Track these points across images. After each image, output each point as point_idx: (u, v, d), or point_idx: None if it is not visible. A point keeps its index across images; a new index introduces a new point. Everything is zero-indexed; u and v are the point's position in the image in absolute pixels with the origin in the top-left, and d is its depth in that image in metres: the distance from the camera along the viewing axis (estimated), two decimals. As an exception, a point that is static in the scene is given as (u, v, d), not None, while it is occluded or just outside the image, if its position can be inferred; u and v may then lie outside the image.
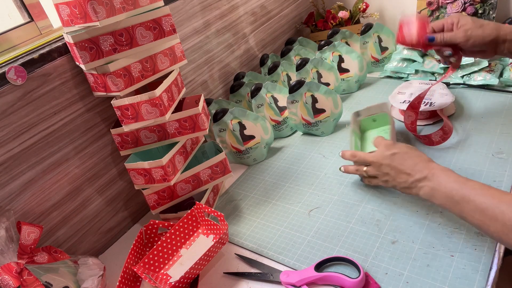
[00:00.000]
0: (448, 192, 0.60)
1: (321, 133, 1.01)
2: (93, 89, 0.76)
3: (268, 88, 1.03)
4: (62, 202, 0.78)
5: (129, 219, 0.92)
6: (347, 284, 0.61)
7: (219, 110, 0.95)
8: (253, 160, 0.99)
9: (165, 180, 0.78)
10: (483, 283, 0.58)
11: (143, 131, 0.79)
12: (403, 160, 0.68)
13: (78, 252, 0.82)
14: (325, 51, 1.15)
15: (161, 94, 0.73)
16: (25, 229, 0.65)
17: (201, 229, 0.81)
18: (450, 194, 0.59)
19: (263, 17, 1.29)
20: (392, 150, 0.70)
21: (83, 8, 0.64)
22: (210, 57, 1.10)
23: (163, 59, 0.77)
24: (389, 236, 0.69)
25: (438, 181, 0.61)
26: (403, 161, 0.67)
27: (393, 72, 1.16)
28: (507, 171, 0.75)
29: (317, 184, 0.86)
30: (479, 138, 0.85)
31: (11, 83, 0.67)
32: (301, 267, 0.68)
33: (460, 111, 0.95)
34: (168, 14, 0.72)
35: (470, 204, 0.57)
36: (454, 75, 1.04)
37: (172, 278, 0.73)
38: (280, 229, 0.77)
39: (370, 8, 1.38)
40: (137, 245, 0.76)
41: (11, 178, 0.70)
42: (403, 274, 0.62)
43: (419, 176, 0.64)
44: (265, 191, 0.89)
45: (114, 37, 0.68)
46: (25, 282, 0.62)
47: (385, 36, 1.19)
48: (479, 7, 1.11)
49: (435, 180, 0.62)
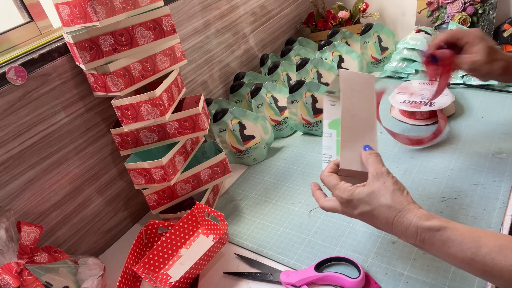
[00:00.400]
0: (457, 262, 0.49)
1: (321, 133, 1.01)
2: (93, 89, 0.76)
3: (268, 88, 1.03)
4: (62, 202, 0.78)
5: (129, 219, 0.92)
6: (347, 284, 0.61)
7: (219, 110, 0.95)
8: (253, 160, 0.99)
9: (165, 180, 0.78)
10: (483, 283, 0.58)
11: (143, 131, 0.79)
12: (374, 220, 0.54)
13: (78, 252, 0.82)
14: (325, 51, 1.15)
15: (161, 94, 0.73)
16: (25, 229, 0.65)
17: (201, 229, 0.81)
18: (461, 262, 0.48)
19: (263, 17, 1.29)
20: (355, 210, 0.55)
21: (83, 8, 0.64)
22: (210, 57, 1.10)
23: (163, 59, 0.77)
24: (389, 236, 0.69)
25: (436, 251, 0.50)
26: (375, 221, 0.54)
27: (393, 72, 1.16)
28: (507, 171, 0.75)
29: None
30: (479, 138, 0.85)
31: (11, 83, 0.67)
32: (301, 267, 0.68)
33: (460, 111, 0.95)
34: (168, 14, 0.72)
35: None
36: (454, 75, 1.04)
37: (172, 278, 0.73)
38: (280, 229, 0.77)
39: (370, 8, 1.38)
40: (137, 245, 0.76)
41: (11, 178, 0.70)
42: (403, 274, 0.62)
43: (405, 240, 0.52)
44: (265, 191, 0.89)
45: (114, 37, 0.68)
46: (25, 282, 0.62)
47: (385, 36, 1.19)
48: (479, 7, 1.11)
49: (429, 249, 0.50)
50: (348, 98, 0.61)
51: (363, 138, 0.60)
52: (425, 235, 0.49)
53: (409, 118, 0.96)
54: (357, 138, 0.60)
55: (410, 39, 1.12)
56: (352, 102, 0.61)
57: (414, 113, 0.95)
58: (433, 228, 0.48)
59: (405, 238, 0.51)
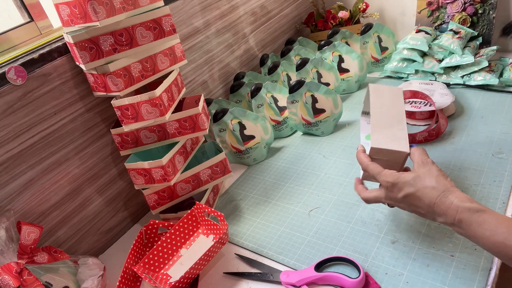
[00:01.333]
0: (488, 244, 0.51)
1: (321, 133, 1.01)
2: (93, 89, 0.76)
3: (268, 88, 1.03)
4: (62, 202, 0.78)
5: (129, 219, 0.92)
6: (347, 284, 0.61)
7: (219, 110, 0.95)
8: (253, 160, 0.99)
9: (165, 180, 0.78)
10: (483, 283, 0.58)
11: (143, 131, 0.79)
12: (417, 202, 0.57)
13: (78, 252, 0.82)
14: (325, 51, 1.15)
15: (161, 94, 0.73)
16: (25, 229, 0.65)
17: (201, 229, 0.81)
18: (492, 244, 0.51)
19: (263, 17, 1.29)
20: (399, 193, 0.58)
21: (83, 8, 0.64)
22: (210, 57, 1.10)
23: (163, 59, 0.77)
24: (389, 236, 0.69)
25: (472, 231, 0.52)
26: (418, 202, 0.57)
27: (393, 72, 1.16)
28: (507, 171, 0.75)
29: (317, 184, 0.86)
30: (479, 138, 0.85)
31: (11, 83, 0.67)
32: (301, 267, 0.68)
33: (460, 111, 0.95)
34: (168, 14, 0.72)
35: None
36: (454, 75, 1.04)
37: (172, 278, 0.73)
38: (280, 229, 0.77)
39: (370, 8, 1.38)
40: (137, 245, 0.76)
41: (11, 178, 0.70)
42: (403, 274, 0.62)
43: (444, 220, 0.55)
44: (265, 191, 0.89)
45: (114, 37, 0.68)
46: (25, 282, 0.62)
47: (385, 36, 1.19)
48: (479, 7, 1.11)
49: (466, 229, 0.52)
50: (376, 97, 0.71)
51: (392, 127, 0.66)
52: (464, 215, 0.52)
53: (409, 118, 0.96)
54: (386, 126, 0.66)
55: (410, 39, 1.12)
56: (380, 101, 0.70)
57: (414, 113, 0.95)
58: (472, 209, 0.52)
59: (444, 218, 0.54)
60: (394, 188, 0.58)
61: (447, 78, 1.05)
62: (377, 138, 0.64)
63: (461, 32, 1.09)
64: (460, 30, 1.10)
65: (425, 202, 0.56)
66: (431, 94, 0.94)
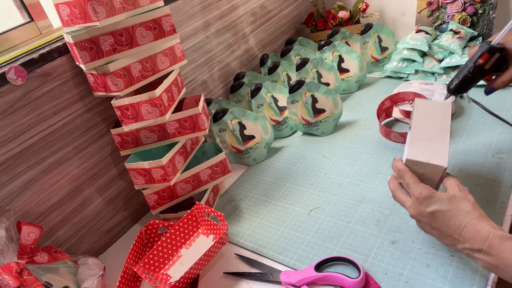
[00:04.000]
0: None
1: (321, 133, 1.01)
2: (93, 89, 0.76)
3: (268, 88, 1.03)
4: (62, 202, 0.78)
5: (129, 219, 0.92)
6: (347, 284, 0.61)
7: (219, 110, 0.95)
8: (253, 160, 0.99)
9: (165, 180, 0.78)
10: (483, 283, 0.58)
11: (143, 131, 0.79)
12: (446, 221, 0.55)
13: (78, 252, 0.82)
14: (325, 51, 1.15)
15: (161, 94, 0.73)
16: (25, 229, 0.65)
17: (201, 229, 0.81)
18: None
19: (263, 17, 1.29)
20: (429, 207, 0.56)
21: (83, 8, 0.64)
22: (210, 57, 1.10)
23: (163, 59, 0.77)
24: (389, 236, 0.69)
25: (502, 258, 0.50)
26: (447, 222, 0.55)
27: (393, 72, 1.16)
28: (507, 171, 0.75)
29: (317, 184, 0.86)
30: (479, 138, 0.85)
31: (11, 83, 0.67)
32: (301, 267, 0.68)
33: (460, 111, 0.95)
34: (168, 14, 0.72)
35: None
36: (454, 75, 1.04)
37: (172, 278, 0.73)
38: (280, 229, 0.77)
39: (370, 8, 1.38)
40: (137, 245, 0.76)
41: (11, 178, 0.70)
42: (403, 274, 0.62)
43: (470, 246, 0.53)
44: (265, 191, 0.89)
45: (114, 37, 0.68)
46: (25, 282, 0.62)
47: (385, 36, 1.19)
48: (479, 7, 1.11)
49: (496, 256, 0.50)
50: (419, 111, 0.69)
51: (432, 141, 0.63)
52: (495, 241, 0.51)
53: (409, 118, 0.96)
54: (426, 139, 0.64)
55: (410, 39, 1.12)
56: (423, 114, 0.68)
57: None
58: (505, 236, 0.51)
59: (470, 243, 0.53)
60: (425, 201, 0.57)
61: (447, 78, 1.05)
62: (414, 150, 0.62)
63: (461, 32, 1.09)
64: (460, 30, 1.10)
65: (455, 222, 0.54)
66: (431, 94, 0.94)
